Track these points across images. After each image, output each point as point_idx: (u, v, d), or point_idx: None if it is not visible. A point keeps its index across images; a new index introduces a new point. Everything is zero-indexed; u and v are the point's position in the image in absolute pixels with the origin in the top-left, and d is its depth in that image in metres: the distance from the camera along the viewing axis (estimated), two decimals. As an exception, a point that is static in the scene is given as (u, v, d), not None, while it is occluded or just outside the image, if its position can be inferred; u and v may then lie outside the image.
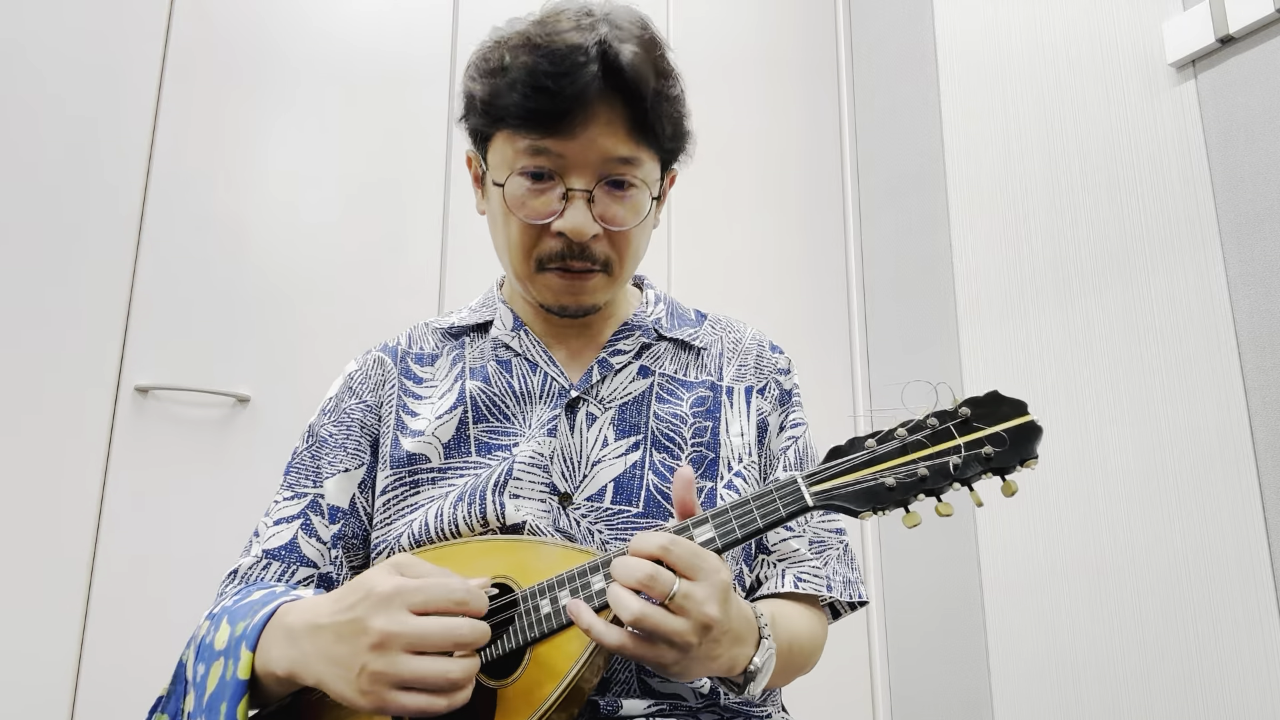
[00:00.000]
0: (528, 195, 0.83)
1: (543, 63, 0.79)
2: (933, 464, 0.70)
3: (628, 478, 0.86)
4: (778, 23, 2.36)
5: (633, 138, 0.83)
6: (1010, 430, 0.71)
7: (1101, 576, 1.62)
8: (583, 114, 0.80)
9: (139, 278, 1.55)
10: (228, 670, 0.71)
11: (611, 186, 0.84)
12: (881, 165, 2.26)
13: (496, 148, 0.86)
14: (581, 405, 0.89)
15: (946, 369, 1.98)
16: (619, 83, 0.80)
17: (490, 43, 0.86)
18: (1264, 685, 1.39)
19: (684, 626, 0.64)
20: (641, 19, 0.85)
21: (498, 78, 0.82)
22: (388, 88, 1.83)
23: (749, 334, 1.01)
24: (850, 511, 0.70)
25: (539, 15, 0.85)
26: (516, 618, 0.72)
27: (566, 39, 0.80)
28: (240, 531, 1.54)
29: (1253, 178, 1.49)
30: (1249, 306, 1.48)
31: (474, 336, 0.96)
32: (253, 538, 0.89)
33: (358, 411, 0.92)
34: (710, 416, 0.91)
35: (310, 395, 1.63)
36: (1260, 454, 1.44)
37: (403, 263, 1.78)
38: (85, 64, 1.56)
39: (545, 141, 0.81)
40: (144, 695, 1.43)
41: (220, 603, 0.82)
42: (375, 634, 0.63)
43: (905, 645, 2.00)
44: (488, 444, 0.88)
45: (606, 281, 0.88)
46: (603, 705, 0.78)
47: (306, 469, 0.91)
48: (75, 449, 1.45)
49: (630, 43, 0.81)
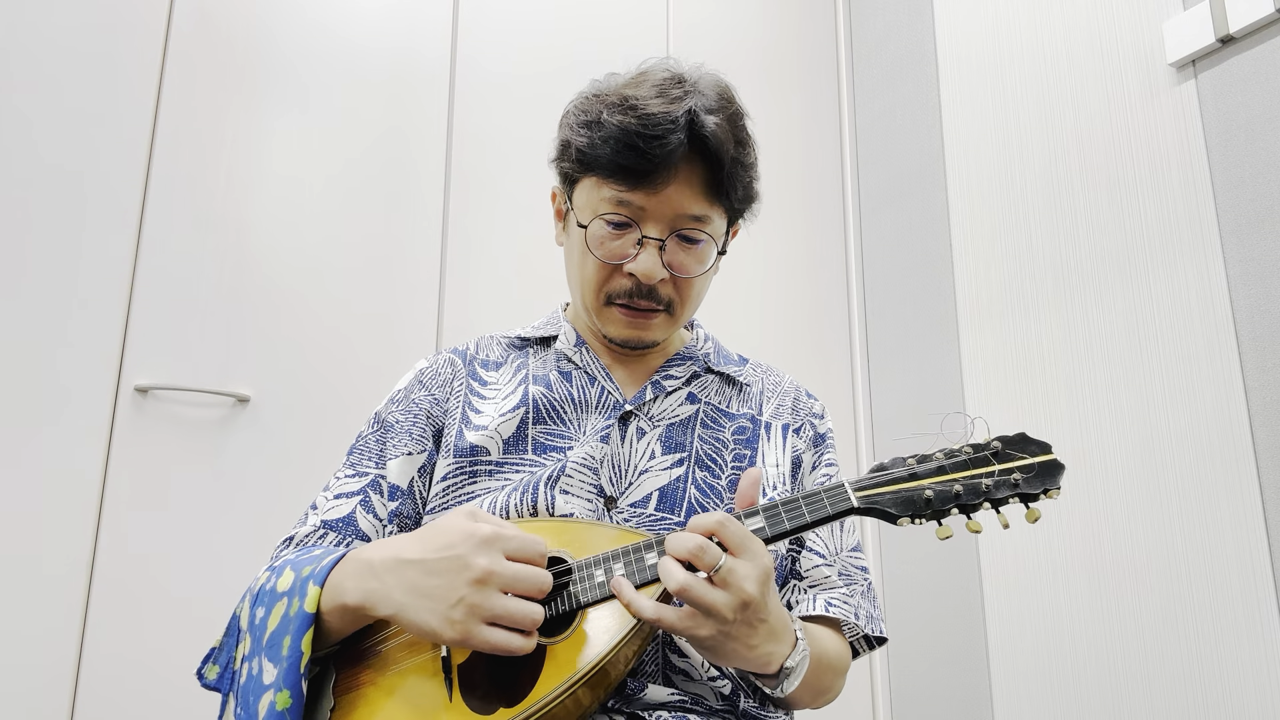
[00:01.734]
0: (607, 237, 0.92)
1: (636, 124, 0.87)
2: (967, 484, 0.77)
3: (671, 489, 0.92)
4: (777, 23, 2.36)
5: (707, 198, 0.92)
6: (1038, 464, 0.79)
7: (1101, 576, 1.62)
8: (665, 174, 0.88)
9: (139, 278, 1.55)
10: (292, 607, 0.76)
11: (682, 239, 0.92)
12: (881, 165, 2.26)
13: (583, 190, 0.94)
14: (633, 419, 0.96)
15: (946, 369, 1.98)
16: (701, 149, 0.89)
17: (590, 95, 0.95)
18: (1264, 685, 1.39)
19: (724, 599, 0.70)
20: (727, 89, 0.94)
21: (594, 131, 0.91)
22: (388, 87, 1.83)
23: (787, 379, 1.09)
24: (890, 517, 0.77)
25: (635, 75, 0.94)
26: (571, 584, 0.77)
27: (659, 105, 0.88)
28: (240, 531, 1.54)
29: (1253, 178, 1.49)
30: (1249, 306, 1.48)
31: (538, 348, 1.04)
32: (309, 510, 0.95)
33: (425, 403, 0.98)
34: (749, 446, 0.98)
35: (310, 395, 1.63)
36: (1260, 454, 1.44)
37: (403, 263, 1.78)
38: (85, 64, 1.56)
39: (629, 194, 0.90)
40: (144, 694, 1.43)
41: (280, 558, 0.86)
42: (478, 570, 0.69)
43: (905, 645, 2.00)
44: (544, 444, 0.94)
45: (667, 321, 0.97)
46: (630, 685, 0.81)
47: (370, 451, 0.97)
48: (75, 449, 1.45)
49: (715, 115, 0.89)
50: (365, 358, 1.70)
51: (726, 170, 0.91)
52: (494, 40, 1.97)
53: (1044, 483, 0.77)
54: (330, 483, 0.97)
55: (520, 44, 2.00)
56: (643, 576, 0.75)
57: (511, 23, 2.00)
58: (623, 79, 0.95)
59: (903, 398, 2.09)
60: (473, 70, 1.93)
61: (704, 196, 0.91)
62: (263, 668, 0.74)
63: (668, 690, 0.82)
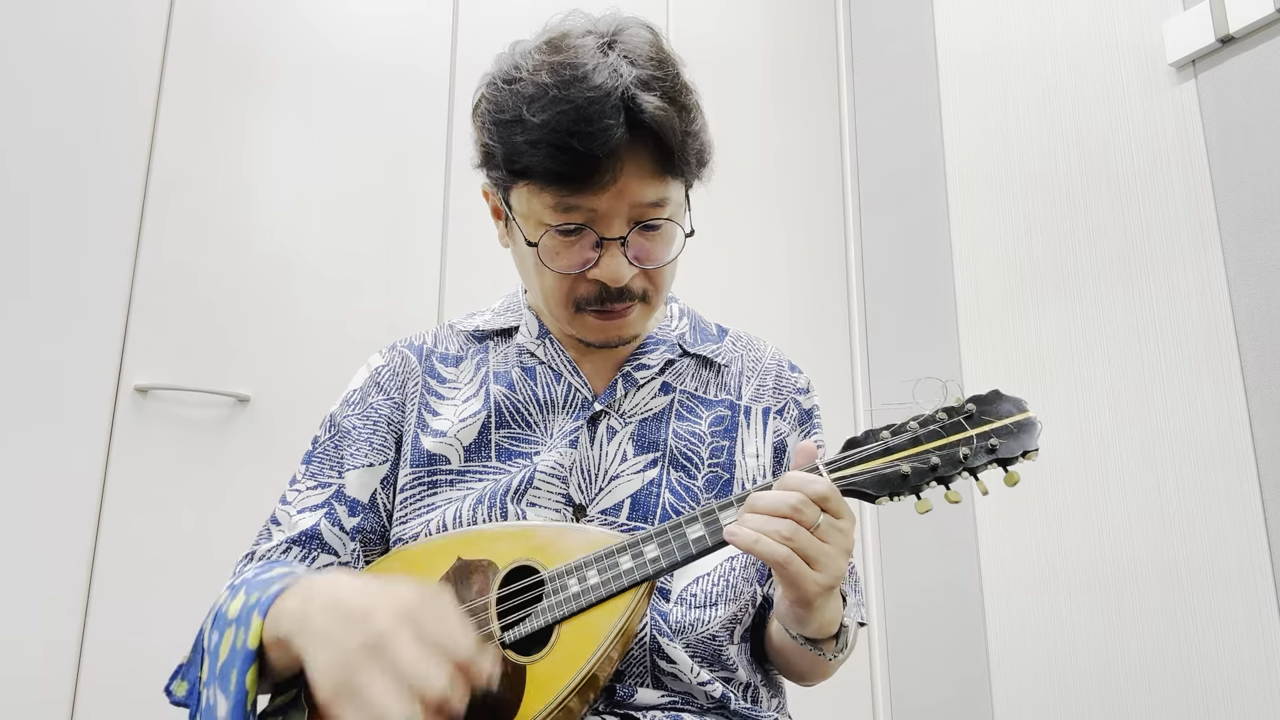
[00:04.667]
0: (561, 248, 0.83)
1: (564, 120, 0.76)
2: (943, 453, 0.75)
3: (644, 495, 0.87)
4: (777, 23, 2.36)
5: (661, 179, 0.82)
6: (1013, 424, 0.76)
7: (1101, 576, 1.62)
8: (610, 169, 0.78)
9: (139, 278, 1.55)
10: (238, 638, 0.71)
11: (644, 228, 0.83)
12: (881, 165, 2.26)
13: (520, 198, 0.84)
14: (603, 418, 0.90)
15: (946, 369, 1.98)
16: (645, 132, 0.79)
17: (500, 82, 0.82)
18: (1264, 685, 1.39)
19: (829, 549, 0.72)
20: (656, 41, 0.83)
21: (516, 133, 0.79)
22: (388, 87, 1.83)
23: (769, 352, 1.02)
24: (868, 497, 0.75)
25: (544, 42, 0.82)
26: (544, 596, 0.74)
27: (586, 90, 0.76)
28: (240, 531, 1.54)
29: (1253, 178, 1.49)
30: (1249, 306, 1.48)
31: (498, 341, 0.96)
32: (271, 524, 0.89)
33: (385, 408, 0.92)
34: (727, 436, 0.92)
35: (310, 395, 1.63)
36: (1260, 454, 1.43)
37: (403, 263, 1.78)
38: (85, 64, 1.56)
39: (573, 199, 0.79)
40: (144, 694, 1.43)
41: (241, 576, 0.82)
42: (373, 632, 0.60)
43: (905, 645, 2.00)
44: (509, 450, 0.88)
45: (644, 311, 0.89)
46: (619, 691, 0.80)
47: (330, 458, 0.91)
48: (75, 449, 1.45)
49: (653, 89, 0.78)
50: (365, 358, 1.70)
51: (676, 148, 0.80)
52: (494, 41, 1.97)
53: (1022, 444, 0.75)
54: (288, 494, 0.91)
55: (520, 44, 1.99)
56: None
57: (511, 23, 2.00)
58: (531, 47, 0.83)
59: (903, 398, 2.09)
60: (473, 71, 1.93)
61: (657, 179, 0.81)
62: (216, 699, 0.70)
63: (658, 693, 0.81)
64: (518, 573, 0.77)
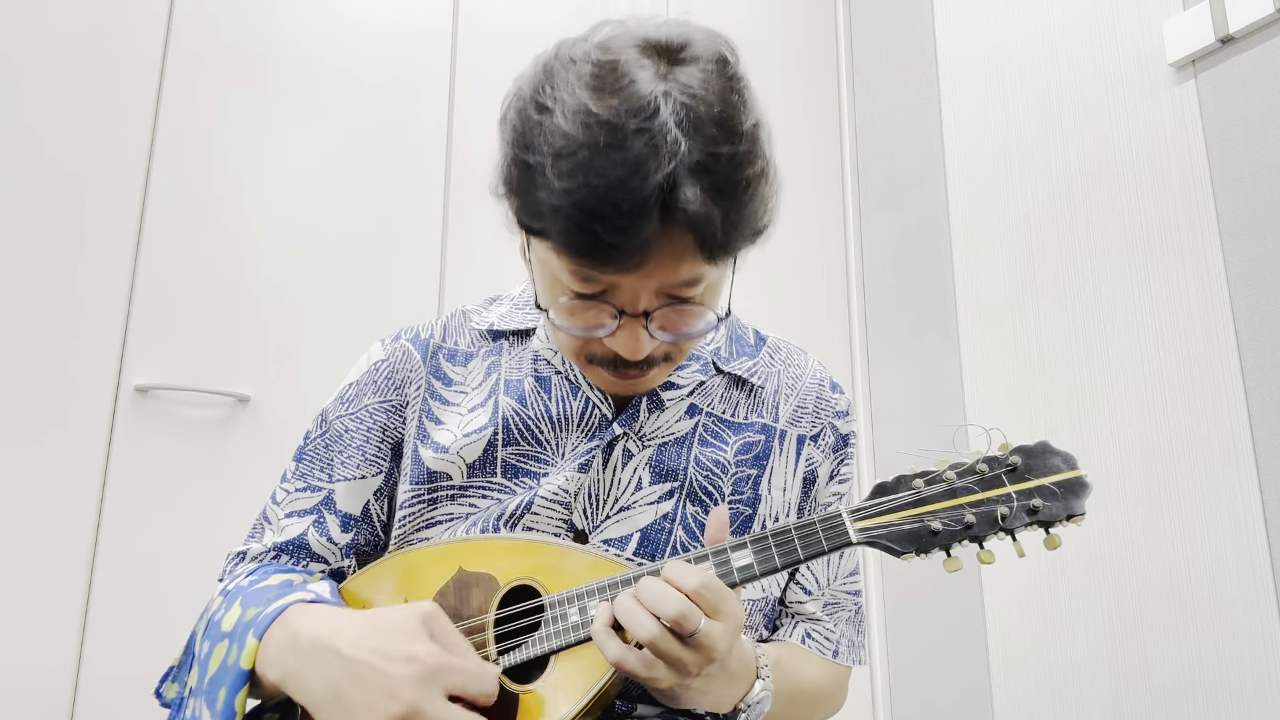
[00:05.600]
0: (577, 308, 0.72)
1: (590, 198, 0.63)
2: (980, 511, 0.69)
3: (655, 530, 0.81)
4: (777, 23, 2.36)
5: (700, 262, 0.69)
6: (1060, 484, 0.69)
7: (1101, 576, 1.62)
8: (638, 254, 0.65)
9: (139, 278, 1.55)
10: (230, 655, 0.69)
11: (673, 300, 0.71)
12: (881, 165, 2.26)
13: (539, 245, 0.73)
14: (620, 440, 0.83)
15: (946, 369, 1.98)
16: (686, 223, 0.65)
17: (531, 111, 0.68)
18: (1264, 685, 1.39)
19: (694, 659, 0.64)
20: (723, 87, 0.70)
21: (537, 186, 0.66)
22: (388, 87, 1.83)
23: (809, 369, 0.95)
24: (893, 551, 0.69)
25: (590, 81, 0.66)
26: (544, 623, 0.71)
27: (619, 168, 0.62)
28: (240, 531, 1.54)
29: (1253, 178, 1.49)
30: (1249, 306, 1.48)
31: (513, 342, 0.89)
32: (264, 523, 0.87)
33: (380, 413, 0.87)
34: (756, 464, 0.86)
35: (310, 395, 1.63)
36: (1260, 454, 1.43)
37: (403, 262, 1.78)
38: (85, 64, 1.56)
39: (594, 271, 0.68)
40: (144, 694, 1.43)
41: (235, 580, 0.80)
42: (404, 704, 0.60)
43: (905, 645, 2.00)
44: (516, 468, 0.83)
45: (665, 369, 0.80)
46: (618, 707, 0.78)
47: (319, 459, 0.88)
48: (75, 449, 1.45)
49: (706, 176, 0.65)
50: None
51: (720, 240, 0.67)
52: (494, 41, 1.97)
53: (1068, 507, 0.68)
54: (278, 493, 0.88)
55: (520, 44, 1.99)
56: None
57: (511, 24, 2.00)
58: (577, 62, 0.68)
59: (902, 398, 2.09)
60: (473, 70, 1.93)
61: (695, 262, 0.69)
62: (201, 713, 0.68)
63: (657, 710, 0.79)
64: (518, 592, 0.75)
